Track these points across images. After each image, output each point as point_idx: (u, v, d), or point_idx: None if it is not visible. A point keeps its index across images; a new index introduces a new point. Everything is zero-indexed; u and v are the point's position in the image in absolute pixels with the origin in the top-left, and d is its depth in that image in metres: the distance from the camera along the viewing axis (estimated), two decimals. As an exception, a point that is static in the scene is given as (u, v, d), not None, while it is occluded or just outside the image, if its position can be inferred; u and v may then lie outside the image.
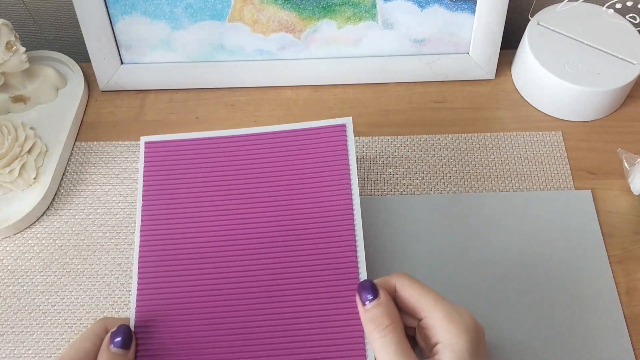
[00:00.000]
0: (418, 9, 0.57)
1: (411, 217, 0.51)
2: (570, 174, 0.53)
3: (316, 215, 0.42)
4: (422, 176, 0.54)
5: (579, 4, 0.58)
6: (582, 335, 0.45)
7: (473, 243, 0.49)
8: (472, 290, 0.47)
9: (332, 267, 0.40)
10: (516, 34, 0.60)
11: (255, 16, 0.58)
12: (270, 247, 0.41)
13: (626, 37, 0.57)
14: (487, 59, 0.59)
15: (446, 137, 0.56)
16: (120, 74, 0.61)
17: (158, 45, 0.60)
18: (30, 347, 0.47)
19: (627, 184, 0.52)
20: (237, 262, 0.41)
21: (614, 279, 0.47)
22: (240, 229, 0.42)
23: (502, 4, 0.56)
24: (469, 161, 0.55)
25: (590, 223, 0.50)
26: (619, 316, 0.45)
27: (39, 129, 0.57)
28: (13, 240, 0.52)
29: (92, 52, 0.59)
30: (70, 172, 0.56)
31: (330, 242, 0.41)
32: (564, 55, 0.56)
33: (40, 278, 0.50)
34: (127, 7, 0.57)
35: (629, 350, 0.44)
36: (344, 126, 0.44)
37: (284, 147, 0.44)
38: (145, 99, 0.61)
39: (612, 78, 0.54)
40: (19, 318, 0.48)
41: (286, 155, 0.44)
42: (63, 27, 0.68)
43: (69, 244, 0.52)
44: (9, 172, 0.53)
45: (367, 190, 0.53)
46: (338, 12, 0.57)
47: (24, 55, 0.55)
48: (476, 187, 0.53)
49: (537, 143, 0.56)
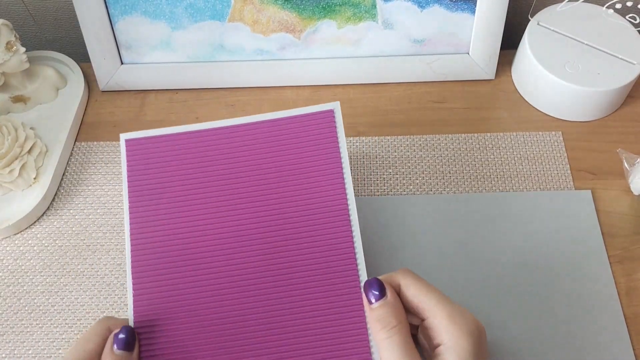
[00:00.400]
0: (418, 9, 0.57)
1: (411, 217, 0.51)
2: (570, 174, 0.53)
3: (310, 207, 0.41)
4: (422, 176, 0.54)
5: (579, 4, 0.58)
6: (582, 335, 0.45)
7: (473, 243, 0.49)
8: (472, 290, 0.47)
9: (330, 260, 0.40)
10: (516, 34, 0.60)
11: (255, 16, 0.58)
12: (265, 240, 0.41)
13: (626, 37, 0.57)
14: (487, 59, 0.59)
15: (446, 137, 0.56)
16: (120, 74, 0.61)
17: (158, 45, 0.60)
18: (30, 347, 0.47)
19: (627, 184, 0.52)
20: (231, 257, 0.41)
21: (614, 279, 0.47)
22: (232, 223, 0.42)
23: (502, 4, 0.56)
24: (469, 161, 0.55)
25: (590, 223, 0.50)
26: (619, 316, 0.45)
27: (39, 129, 0.58)
28: (13, 240, 0.52)
29: (92, 52, 0.59)
30: (70, 172, 0.56)
31: (326, 233, 0.41)
32: (564, 55, 0.56)
33: (40, 278, 0.50)
34: (127, 7, 0.57)
35: (629, 350, 0.44)
36: (331, 112, 0.43)
37: (272, 136, 0.43)
38: (145, 99, 0.61)
39: (612, 78, 0.54)
40: (19, 318, 0.48)
41: (274, 145, 0.43)
42: (63, 27, 0.68)
43: (69, 244, 0.52)
44: (9, 172, 0.53)
45: (368, 190, 0.53)
46: (338, 12, 0.57)
47: (24, 55, 0.55)
48: (476, 187, 0.53)
49: (537, 143, 0.56)
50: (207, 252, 0.41)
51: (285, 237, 0.41)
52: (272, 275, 0.40)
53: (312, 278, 0.40)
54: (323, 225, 0.41)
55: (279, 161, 0.43)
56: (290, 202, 0.42)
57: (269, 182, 0.42)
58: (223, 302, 0.40)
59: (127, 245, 0.41)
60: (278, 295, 0.40)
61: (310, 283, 0.40)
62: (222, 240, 0.41)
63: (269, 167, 0.43)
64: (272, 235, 0.41)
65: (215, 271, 0.41)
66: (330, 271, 0.40)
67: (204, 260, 0.41)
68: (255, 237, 0.41)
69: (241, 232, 0.41)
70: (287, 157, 0.43)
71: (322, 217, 0.41)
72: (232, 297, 0.40)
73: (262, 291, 0.40)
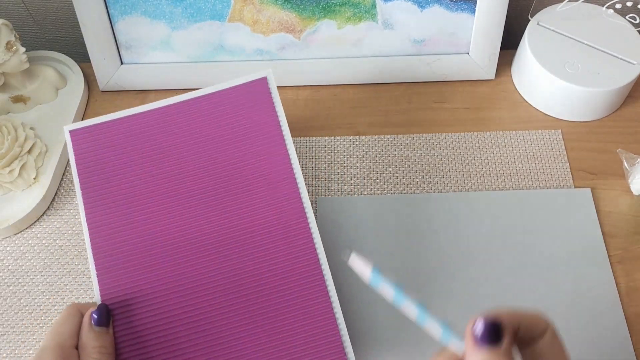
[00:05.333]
0: (418, 9, 0.57)
1: (412, 216, 0.51)
2: (571, 174, 0.53)
3: (257, 181, 0.43)
4: (422, 175, 0.54)
5: (579, 4, 0.58)
6: (582, 335, 0.45)
7: (473, 242, 0.49)
8: (472, 288, 0.47)
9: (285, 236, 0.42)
10: (516, 34, 0.60)
11: (255, 16, 0.58)
12: (215, 211, 0.42)
13: (626, 37, 0.57)
14: (487, 59, 0.59)
15: (446, 136, 0.56)
16: (120, 74, 0.61)
17: (158, 45, 0.60)
18: (30, 347, 0.47)
19: (627, 184, 0.52)
20: (185, 233, 0.42)
21: (614, 279, 0.47)
22: (183, 197, 0.43)
23: (502, 4, 0.56)
24: (468, 160, 0.55)
25: (590, 223, 0.50)
26: (619, 316, 0.45)
27: (39, 129, 0.57)
28: (13, 240, 0.52)
29: (92, 52, 0.59)
30: (70, 172, 0.56)
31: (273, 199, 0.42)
32: (564, 55, 0.56)
33: (40, 278, 0.50)
34: (127, 7, 0.57)
35: (629, 350, 0.44)
36: (264, 79, 0.45)
37: (213, 109, 0.45)
38: (145, 99, 0.61)
39: (612, 78, 0.54)
40: (20, 318, 0.48)
41: (216, 117, 0.45)
42: (63, 27, 0.68)
43: (69, 243, 0.52)
44: (9, 172, 0.53)
45: (368, 189, 0.53)
46: (338, 12, 0.57)
47: (24, 55, 0.55)
48: (476, 186, 0.53)
49: (537, 142, 0.56)
50: (164, 228, 0.42)
51: (239, 212, 0.42)
52: (231, 247, 0.42)
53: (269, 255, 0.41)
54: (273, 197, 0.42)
55: (222, 132, 0.44)
56: (236, 177, 0.43)
57: (215, 155, 0.44)
58: (184, 274, 0.41)
59: (84, 231, 0.42)
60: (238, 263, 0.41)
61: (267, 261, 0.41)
62: (175, 217, 0.42)
63: (214, 139, 0.44)
64: (226, 211, 0.42)
65: (174, 245, 0.42)
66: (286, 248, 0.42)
67: (160, 238, 0.42)
68: (209, 212, 0.42)
69: (194, 207, 0.43)
70: (230, 128, 0.44)
71: (271, 190, 0.43)
72: (193, 269, 0.41)
73: (221, 262, 0.41)
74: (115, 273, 0.41)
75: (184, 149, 0.44)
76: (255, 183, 0.43)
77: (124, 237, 0.42)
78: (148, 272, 0.41)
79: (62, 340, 0.37)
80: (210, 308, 0.41)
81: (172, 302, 0.41)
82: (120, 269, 0.41)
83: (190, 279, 0.41)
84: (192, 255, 0.42)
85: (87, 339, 0.38)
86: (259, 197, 0.42)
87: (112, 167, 0.44)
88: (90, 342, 0.38)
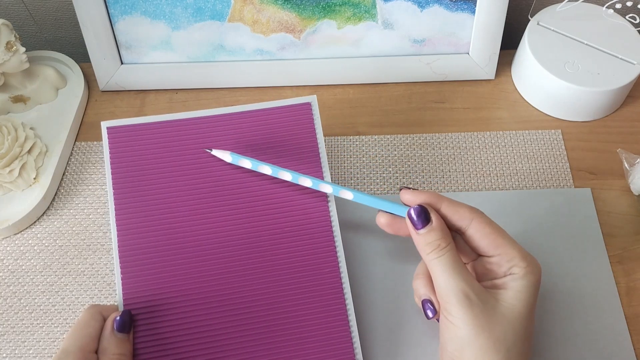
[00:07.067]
0: (418, 9, 0.57)
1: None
2: (571, 174, 0.53)
3: (289, 197, 0.43)
4: (422, 175, 0.54)
5: (579, 4, 0.58)
6: (582, 335, 0.45)
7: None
8: (472, 290, 0.47)
9: (309, 248, 0.42)
10: (516, 34, 0.60)
11: (255, 16, 0.58)
12: (246, 225, 0.42)
13: (626, 37, 0.57)
14: (487, 59, 0.59)
15: (446, 136, 0.56)
16: (120, 74, 0.61)
17: (158, 45, 0.60)
18: (31, 347, 0.47)
19: (627, 184, 0.52)
20: (214, 241, 0.42)
21: (614, 279, 0.47)
22: (215, 209, 0.43)
23: (502, 4, 0.56)
24: (468, 160, 0.55)
25: (590, 223, 0.50)
26: (619, 316, 0.45)
27: (39, 129, 0.58)
28: (13, 240, 0.52)
29: (92, 52, 0.59)
30: (70, 172, 0.56)
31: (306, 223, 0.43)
32: (564, 55, 0.56)
33: (40, 278, 0.50)
34: (127, 7, 0.57)
35: (629, 350, 0.44)
36: (309, 105, 0.45)
37: (251, 126, 0.45)
38: (145, 99, 0.61)
39: (612, 78, 0.54)
40: (20, 318, 0.48)
41: (254, 135, 0.45)
42: (63, 27, 0.68)
43: (69, 243, 0.52)
44: (9, 172, 0.53)
45: (368, 189, 0.53)
46: (338, 12, 0.57)
47: (24, 55, 0.55)
48: (476, 186, 0.53)
49: (537, 141, 0.56)
50: (192, 236, 0.42)
51: (266, 224, 0.43)
52: (255, 257, 0.42)
53: (294, 267, 0.42)
54: (304, 215, 0.43)
55: (260, 149, 0.44)
56: (271, 193, 0.43)
57: (250, 171, 0.44)
58: (208, 284, 0.41)
59: (112, 230, 0.42)
60: (261, 275, 0.42)
61: (293, 270, 0.42)
62: (204, 228, 0.42)
63: (252, 155, 0.44)
64: (254, 222, 0.43)
65: (201, 254, 0.42)
66: (310, 259, 0.42)
67: (189, 245, 0.42)
68: (238, 222, 0.43)
69: (224, 217, 0.43)
70: (266, 147, 0.44)
71: (303, 208, 0.43)
72: (218, 280, 0.41)
73: (246, 273, 0.42)
74: (139, 278, 0.41)
75: (221, 162, 0.44)
76: (288, 204, 0.43)
77: (152, 242, 0.42)
78: (171, 281, 0.41)
79: (84, 344, 0.37)
80: (230, 324, 0.41)
81: (193, 313, 0.41)
82: (144, 274, 0.41)
83: (212, 292, 0.41)
84: (217, 268, 0.41)
85: (109, 344, 0.38)
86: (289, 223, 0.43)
87: (147, 170, 0.43)
88: (111, 349, 0.37)
